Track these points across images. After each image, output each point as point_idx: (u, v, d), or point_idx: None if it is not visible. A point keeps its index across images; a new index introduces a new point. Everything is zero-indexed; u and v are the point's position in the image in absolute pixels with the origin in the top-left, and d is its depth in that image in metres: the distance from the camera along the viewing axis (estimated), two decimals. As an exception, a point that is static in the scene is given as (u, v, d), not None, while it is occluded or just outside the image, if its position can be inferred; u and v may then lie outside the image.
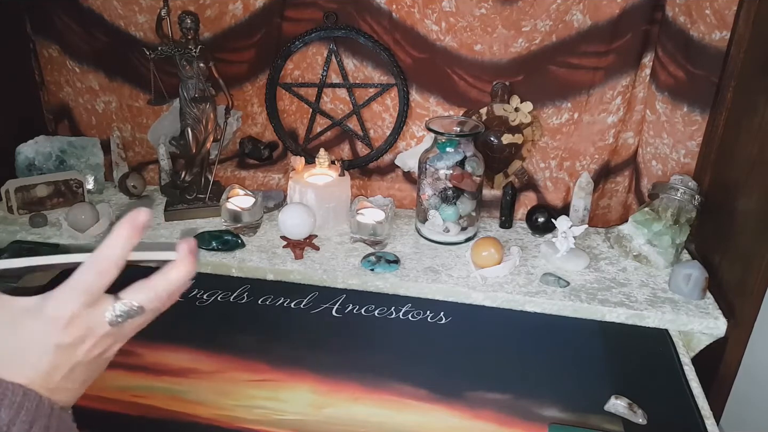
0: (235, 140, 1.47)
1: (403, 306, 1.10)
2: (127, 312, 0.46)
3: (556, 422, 0.85)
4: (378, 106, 1.38)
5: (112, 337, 0.47)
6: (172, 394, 0.89)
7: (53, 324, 0.44)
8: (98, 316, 0.46)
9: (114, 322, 0.46)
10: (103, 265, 0.45)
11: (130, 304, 0.47)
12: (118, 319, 0.46)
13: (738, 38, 1.11)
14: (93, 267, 0.45)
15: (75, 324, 0.45)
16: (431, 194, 1.24)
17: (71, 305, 0.45)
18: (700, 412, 0.87)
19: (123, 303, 0.46)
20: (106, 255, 0.46)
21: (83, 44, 1.43)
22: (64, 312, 0.44)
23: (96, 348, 0.46)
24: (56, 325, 0.44)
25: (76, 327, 0.45)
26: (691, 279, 1.07)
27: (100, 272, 0.45)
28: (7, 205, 1.33)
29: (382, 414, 0.87)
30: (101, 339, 0.46)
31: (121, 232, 0.46)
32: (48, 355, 0.45)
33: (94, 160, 1.47)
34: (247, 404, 0.88)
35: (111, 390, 0.89)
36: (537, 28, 1.22)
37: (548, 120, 1.31)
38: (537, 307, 1.08)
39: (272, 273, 1.17)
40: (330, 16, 1.30)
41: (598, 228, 1.32)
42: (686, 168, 1.27)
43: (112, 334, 0.47)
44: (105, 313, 0.46)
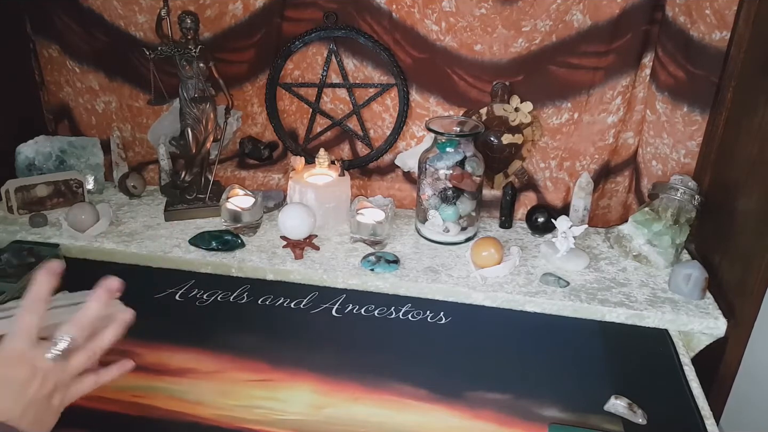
0: (235, 140, 1.47)
1: (403, 306, 1.10)
2: (64, 345, 0.57)
3: (556, 422, 0.85)
4: (378, 106, 1.38)
5: (57, 375, 0.57)
6: (172, 394, 0.89)
7: (6, 363, 0.55)
8: (41, 354, 0.57)
9: (55, 357, 0.57)
10: (32, 306, 0.57)
11: (63, 338, 0.57)
12: (58, 354, 0.57)
13: (738, 38, 1.11)
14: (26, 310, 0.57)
15: (23, 362, 0.55)
16: (431, 194, 1.24)
17: (18, 344, 0.56)
18: (700, 412, 0.87)
19: (57, 339, 0.57)
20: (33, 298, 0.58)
21: (83, 44, 1.43)
22: (14, 351, 0.56)
23: (44, 386, 0.56)
24: (9, 363, 0.55)
25: (24, 364, 0.55)
26: (691, 279, 1.07)
27: (31, 312, 0.57)
28: (7, 205, 1.33)
29: (382, 414, 0.87)
30: (48, 376, 0.56)
31: (41, 277, 0.58)
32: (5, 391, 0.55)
33: (94, 160, 1.46)
34: (247, 404, 0.88)
35: (111, 390, 0.89)
36: (537, 28, 1.22)
37: (548, 120, 1.31)
38: (537, 307, 1.08)
39: (272, 273, 1.17)
40: (330, 16, 1.30)
41: (598, 228, 1.32)
42: (686, 168, 1.27)
43: (56, 371, 0.57)
44: (47, 352, 0.57)
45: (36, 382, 0.55)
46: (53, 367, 0.57)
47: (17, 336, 0.56)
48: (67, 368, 0.58)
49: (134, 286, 0.65)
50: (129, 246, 1.23)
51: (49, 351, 0.57)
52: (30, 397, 0.55)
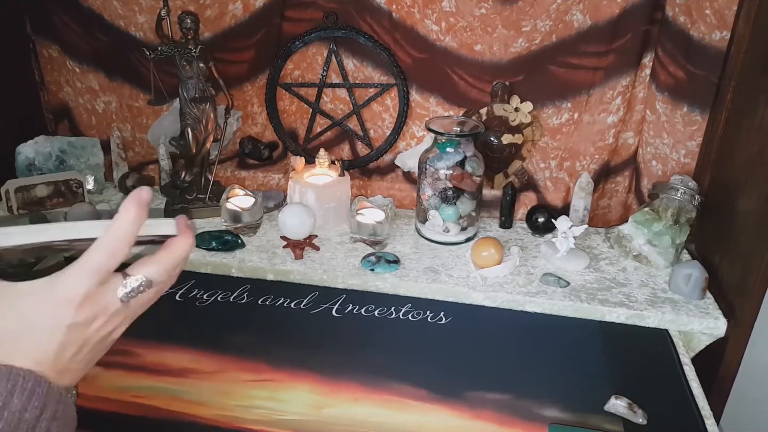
0: (235, 140, 1.47)
1: (403, 306, 1.10)
2: (138, 287, 0.48)
3: (556, 422, 0.85)
4: (378, 106, 1.38)
5: (122, 314, 0.48)
6: (172, 395, 0.89)
7: (66, 305, 0.45)
8: (110, 293, 0.47)
9: (125, 298, 0.47)
10: (115, 245, 0.46)
11: (140, 279, 0.48)
12: (130, 295, 0.47)
13: (738, 38, 1.11)
14: (105, 247, 0.46)
15: (88, 303, 0.45)
16: (431, 194, 1.24)
17: (84, 285, 0.45)
18: (700, 412, 0.87)
19: (134, 279, 0.48)
20: (118, 235, 0.46)
21: (83, 44, 1.43)
22: (76, 292, 0.45)
23: (107, 326, 0.47)
24: (69, 305, 0.45)
25: (88, 306, 0.45)
26: (691, 279, 1.07)
27: (112, 252, 0.46)
28: (7, 205, 1.33)
29: (382, 414, 0.87)
30: (112, 316, 0.47)
31: (129, 210, 0.46)
32: (59, 335, 0.45)
33: (94, 160, 1.47)
34: (247, 404, 0.88)
35: (111, 390, 0.90)
36: (537, 28, 1.22)
37: (548, 120, 1.31)
38: (537, 307, 1.08)
39: (272, 273, 1.17)
40: (330, 16, 1.30)
41: (598, 228, 1.32)
42: (686, 168, 1.27)
43: (123, 311, 0.48)
44: (117, 290, 0.47)
45: (97, 322, 0.46)
46: (121, 307, 0.47)
47: (86, 275, 0.45)
48: (134, 306, 0.49)
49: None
50: (129, 246, 1.22)
51: (120, 290, 0.47)
52: (86, 337, 0.46)
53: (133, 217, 0.46)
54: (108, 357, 0.64)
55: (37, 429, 0.43)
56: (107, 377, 0.91)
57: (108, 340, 0.49)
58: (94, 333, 0.47)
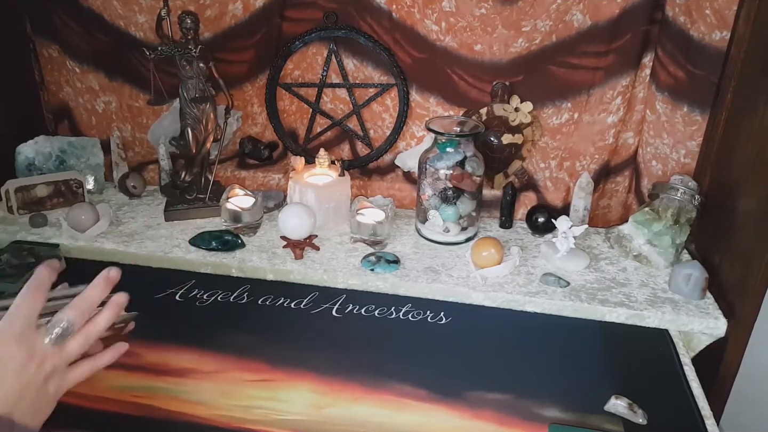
0: (235, 140, 1.47)
1: (403, 306, 1.10)
2: (62, 329, 0.56)
3: (556, 422, 0.85)
4: (378, 106, 1.38)
5: (54, 360, 0.56)
6: (172, 394, 0.89)
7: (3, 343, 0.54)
8: (39, 338, 0.56)
9: (53, 341, 0.56)
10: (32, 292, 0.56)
11: (61, 322, 0.57)
12: (56, 338, 0.56)
13: (738, 38, 1.11)
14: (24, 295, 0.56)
15: (21, 344, 0.54)
16: (431, 194, 1.24)
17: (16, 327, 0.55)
18: (700, 412, 0.87)
19: (55, 322, 0.57)
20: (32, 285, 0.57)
21: (83, 44, 1.43)
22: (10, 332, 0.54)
23: (41, 369, 0.55)
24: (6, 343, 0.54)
25: (22, 347, 0.54)
26: (691, 279, 1.07)
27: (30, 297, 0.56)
28: (7, 205, 1.33)
29: (382, 414, 0.87)
30: (45, 360, 0.55)
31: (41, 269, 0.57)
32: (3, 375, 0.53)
33: (94, 160, 1.46)
34: (247, 404, 0.88)
35: (111, 390, 0.89)
36: (537, 28, 1.22)
37: (548, 120, 1.31)
38: (537, 307, 1.08)
39: (272, 273, 1.17)
40: (330, 16, 1.30)
41: (598, 228, 1.32)
42: (686, 168, 1.27)
43: (54, 355, 0.56)
44: (45, 336, 0.56)
45: (33, 365, 0.54)
46: (51, 351, 0.56)
47: (15, 318, 0.55)
48: (64, 352, 0.57)
49: (134, 286, 0.65)
50: (129, 246, 1.23)
51: (47, 335, 0.56)
52: (26, 381, 0.54)
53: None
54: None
55: None
56: (107, 377, 0.91)
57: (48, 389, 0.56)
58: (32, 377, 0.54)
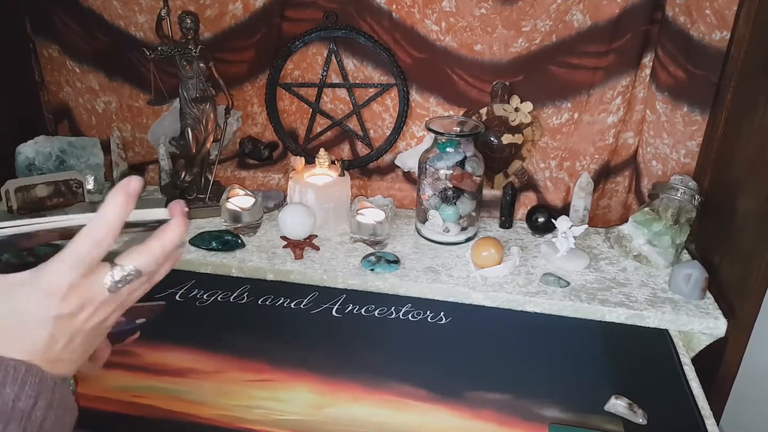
0: (235, 140, 1.47)
1: (403, 306, 1.10)
2: (126, 277, 0.47)
3: (556, 422, 0.85)
4: (378, 106, 1.38)
5: (111, 304, 0.47)
6: (172, 394, 0.89)
7: (51, 296, 0.44)
8: (97, 283, 0.46)
9: (113, 288, 0.46)
10: (100, 234, 0.45)
11: (128, 269, 0.47)
12: (118, 285, 0.46)
13: (738, 38, 1.11)
14: (90, 236, 0.45)
15: (73, 294, 0.45)
16: (431, 194, 1.24)
17: (69, 276, 0.44)
18: (700, 412, 0.87)
19: (121, 268, 0.47)
20: (103, 224, 0.45)
21: (83, 44, 1.43)
22: (61, 283, 0.44)
23: (95, 316, 0.47)
24: (54, 296, 0.44)
25: (74, 297, 0.45)
26: (691, 279, 1.07)
27: (98, 242, 0.45)
28: (7, 205, 1.33)
29: (382, 414, 0.87)
30: (101, 306, 0.47)
31: (116, 200, 0.46)
32: (47, 327, 0.45)
33: (94, 160, 1.46)
34: (247, 404, 0.88)
35: (111, 390, 0.89)
36: (537, 28, 1.22)
37: (548, 120, 1.31)
38: (537, 307, 1.08)
39: (272, 273, 1.17)
40: (330, 16, 1.30)
41: (598, 228, 1.32)
42: (686, 168, 1.27)
43: (112, 300, 0.47)
44: (104, 279, 0.46)
45: (84, 313, 0.46)
46: (109, 297, 0.46)
47: (71, 265, 0.44)
48: (123, 297, 0.48)
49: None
50: (129, 246, 1.22)
51: (108, 278, 0.46)
52: (76, 328, 0.46)
53: (120, 206, 0.46)
54: (108, 357, 0.64)
55: (32, 417, 0.43)
56: (107, 377, 0.91)
57: (101, 329, 0.48)
58: (83, 323, 0.46)
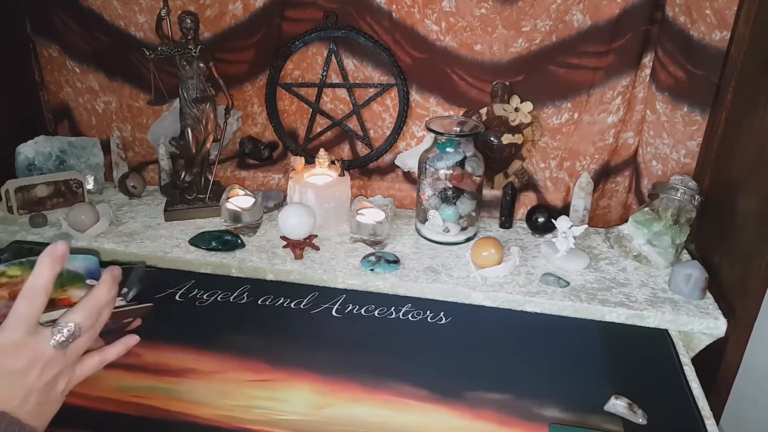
0: (235, 140, 1.47)
1: (403, 306, 1.10)
2: (69, 334, 0.54)
3: (556, 422, 0.85)
4: (378, 106, 1.38)
5: (59, 362, 0.54)
6: (172, 394, 0.89)
7: (4, 354, 0.52)
8: (43, 343, 0.53)
9: (58, 344, 0.53)
10: (32, 294, 0.53)
11: (69, 326, 0.54)
12: (65, 342, 0.54)
13: (738, 38, 1.11)
14: (24, 297, 0.53)
15: (22, 352, 0.52)
16: (431, 194, 1.24)
17: (15, 334, 0.52)
18: (700, 412, 0.87)
19: (63, 326, 0.54)
20: (33, 286, 0.53)
21: (83, 44, 1.43)
22: (9, 341, 0.52)
23: (45, 373, 0.53)
24: (7, 354, 0.52)
25: (23, 355, 0.52)
26: (691, 279, 1.07)
27: (31, 301, 0.53)
28: (7, 205, 1.33)
29: (382, 414, 0.86)
30: (49, 364, 0.53)
31: (43, 263, 0.53)
32: (4, 382, 0.51)
33: (94, 160, 1.47)
34: (247, 404, 0.88)
35: (111, 390, 0.89)
36: (537, 28, 1.22)
37: (548, 120, 1.31)
38: (537, 307, 1.08)
39: (272, 273, 1.17)
40: (330, 16, 1.30)
41: (598, 228, 1.32)
42: (686, 168, 1.27)
43: (58, 358, 0.54)
44: (50, 341, 0.53)
45: (36, 370, 0.52)
46: (56, 354, 0.53)
47: (14, 324, 0.52)
48: (69, 353, 0.55)
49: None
50: (129, 246, 1.23)
51: (53, 337, 0.53)
52: (30, 386, 0.52)
53: (47, 268, 0.53)
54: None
55: None
56: (107, 377, 0.91)
57: (55, 390, 0.55)
58: (36, 379, 0.53)
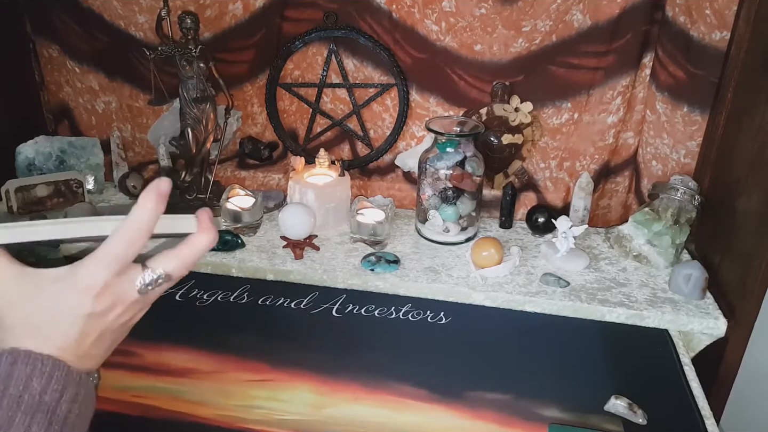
0: (235, 140, 1.47)
1: (403, 306, 1.10)
2: (156, 281, 0.49)
3: (556, 422, 0.85)
4: (378, 106, 1.38)
5: (139, 304, 0.49)
6: (172, 395, 0.89)
7: (85, 293, 0.46)
8: (128, 284, 0.47)
9: (143, 290, 0.48)
10: (133, 235, 0.47)
11: (158, 272, 0.49)
12: (148, 288, 0.48)
13: (738, 38, 1.11)
14: (123, 237, 0.47)
15: (106, 293, 0.46)
16: (431, 194, 1.24)
17: (103, 275, 0.46)
18: (700, 412, 0.87)
19: (152, 271, 0.48)
20: (136, 225, 0.47)
21: (83, 44, 1.43)
22: (96, 282, 0.46)
23: (124, 315, 0.49)
24: (88, 294, 0.46)
25: (107, 296, 0.47)
26: (691, 279, 1.07)
27: (130, 242, 0.47)
28: (7, 205, 1.33)
29: (382, 414, 0.87)
30: (130, 306, 0.49)
31: (147, 201, 0.47)
32: (79, 324, 0.47)
33: (94, 160, 1.47)
34: (247, 404, 0.88)
35: (111, 390, 0.90)
36: (537, 28, 1.22)
37: (548, 120, 1.31)
38: (537, 307, 1.08)
39: (272, 273, 1.17)
40: (330, 16, 1.30)
41: (598, 228, 1.32)
42: (686, 168, 1.27)
43: (139, 301, 0.49)
44: (135, 281, 0.48)
45: (115, 312, 0.48)
46: (139, 298, 0.48)
47: (106, 265, 0.46)
48: (152, 294, 0.50)
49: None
50: (129, 246, 1.22)
51: (139, 282, 0.48)
52: (106, 326, 0.48)
53: (151, 207, 0.47)
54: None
55: (57, 411, 0.44)
56: (107, 377, 0.91)
57: (126, 326, 0.51)
58: (113, 321, 0.48)
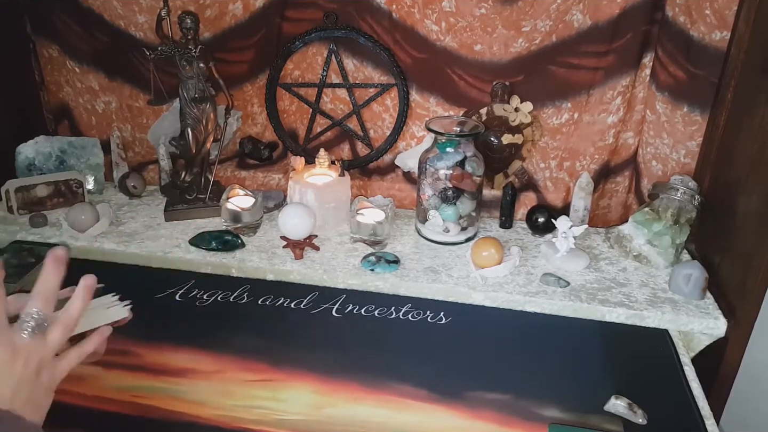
0: (235, 140, 1.47)
1: (403, 306, 1.10)
2: (34, 319, 0.56)
3: (556, 422, 0.85)
4: (378, 106, 1.38)
5: (38, 351, 0.56)
6: (172, 394, 0.89)
7: None
8: (16, 334, 0.55)
9: (30, 333, 0.56)
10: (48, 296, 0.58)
11: (30, 313, 0.56)
12: (33, 327, 0.56)
13: (738, 38, 1.11)
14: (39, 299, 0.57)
15: (1, 345, 0.54)
16: (431, 194, 1.24)
17: None
18: (700, 412, 0.87)
19: (25, 315, 0.56)
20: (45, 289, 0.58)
21: (83, 44, 1.43)
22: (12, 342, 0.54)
23: (29, 364, 0.55)
24: None
25: (2, 347, 0.54)
26: (691, 279, 1.07)
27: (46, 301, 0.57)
28: (7, 205, 1.33)
29: (382, 414, 0.87)
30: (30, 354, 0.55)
31: (49, 271, 0.58)
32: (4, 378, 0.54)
33: (94, 160, 1.47)
34: (247, 404, 0.88)
35: (111, 390, 0.90)
36: (537, 28, 1.22)
37: (548, 120, 1.31)
38: (537, 307, 1.08)
39: (272, 273, 1.17)
40: (330, 16, 1.30)
41: (598, 228, 1.32)
42: (686, 168, 1.27)
43: (37, 347, 0.56)
44: (20, 331, 0.56)
45: (19, 361, 0.55)
46: (32, 344, 0.56)
47: None
48: (46, 343, 0.57)
49: (134, 286, 0.65)
50: (129, 246, 1.23)
51: (22, 330, 0.56)
52: (18, 377, 0.54)
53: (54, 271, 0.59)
54: (108, 357, 0.64)
55: None
56: (107, 377, 0.91)
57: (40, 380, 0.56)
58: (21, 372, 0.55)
